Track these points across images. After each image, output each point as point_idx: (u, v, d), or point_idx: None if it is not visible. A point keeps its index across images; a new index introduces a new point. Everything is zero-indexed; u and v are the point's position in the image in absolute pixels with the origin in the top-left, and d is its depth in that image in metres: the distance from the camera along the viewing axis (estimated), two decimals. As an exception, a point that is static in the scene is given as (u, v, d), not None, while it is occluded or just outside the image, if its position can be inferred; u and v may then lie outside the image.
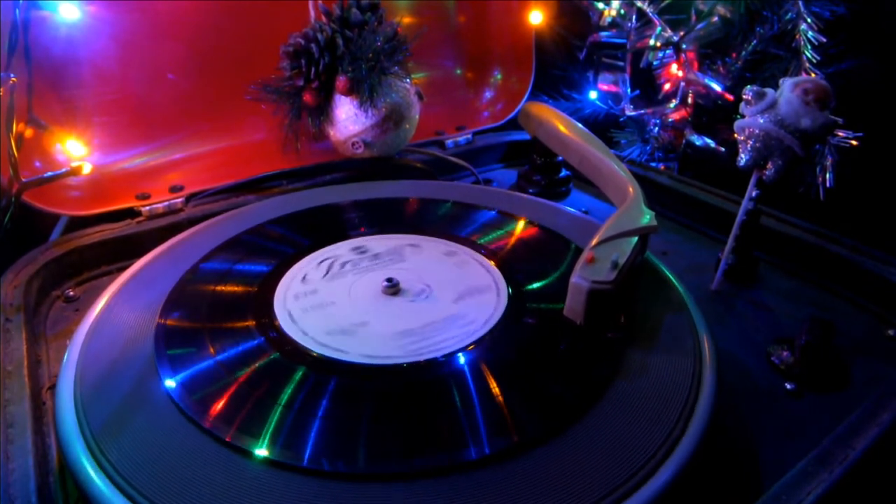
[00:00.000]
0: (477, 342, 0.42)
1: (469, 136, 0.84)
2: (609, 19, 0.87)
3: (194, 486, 0.32)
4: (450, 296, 0.47)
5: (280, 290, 0.48)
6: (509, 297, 0.47)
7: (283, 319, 0.45)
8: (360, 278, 0.50)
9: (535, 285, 0.49)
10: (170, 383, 0.39)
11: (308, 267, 0.51)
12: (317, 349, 0.41)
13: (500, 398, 0.38)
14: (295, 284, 0.49)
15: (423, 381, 0.39)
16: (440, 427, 0.36)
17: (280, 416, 0.36)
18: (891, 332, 0.49)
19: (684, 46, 0.83)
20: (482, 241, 0.55)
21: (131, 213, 0.63)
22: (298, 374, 0.39)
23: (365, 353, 0.41)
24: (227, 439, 0.34)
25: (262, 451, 0.34)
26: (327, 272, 0.50)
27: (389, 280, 0.48)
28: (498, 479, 0.32)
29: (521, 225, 0.58)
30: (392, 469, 0.33)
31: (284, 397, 0.37)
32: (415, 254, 0.53)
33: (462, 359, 0.41)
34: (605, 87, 0.95)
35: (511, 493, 0.32)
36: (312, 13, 0.71)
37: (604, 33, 0.90)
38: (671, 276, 0.50)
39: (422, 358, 0.41)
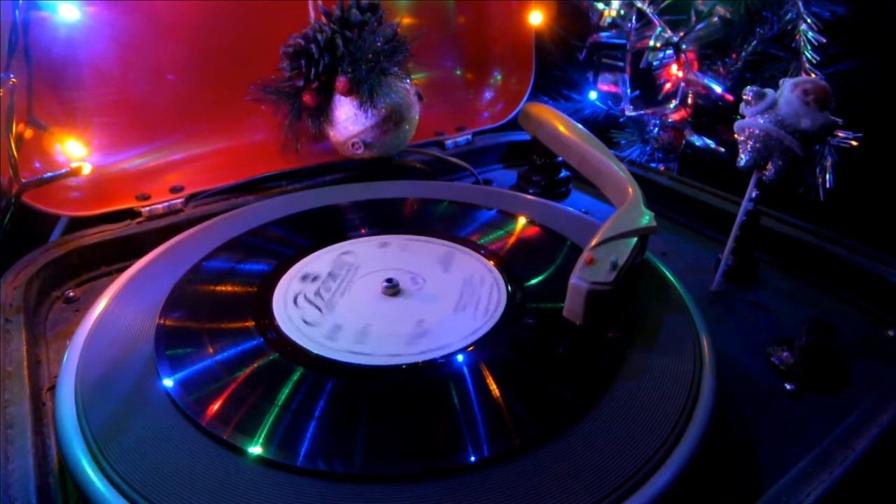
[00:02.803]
0: (476, 343, 0.42)
1: (469, 136, 0.84)
2: (609, 20, 0.87)
3: (193, 487, 0.32)
4: (449, 296, 0.47)
5: (279, 291, 0.48)
6: (508, 297, 0.47)
7: (281, 320, 0.45)
8: (360, 279, 0.50)
9: (535, 284, 0.49)
10: (169, 384, 0.39)
11: (308, 267, 0.51)
12: (315, 350, 0.42)
13: (499, 400, 0.37)
14: (294, 285, 0.49)
15: (422, 382, 0.39)
16: (438, 429, 0.35)
17: (277, 416, 0.36)
18: (891, 333, 0.49)
19: (684, 47, 0.83)
20: (482, 241, 0.55)
21: (131, 214, 0.63)
22: (296, 375, 0.39)
23: (364, 353, 0.41)
24: (224, 437, 0.34)
25: (260, 451, 0.34)
26: (327, 272, 0.51)
27: (389, 281, 0.48)
28: (496, 481, 0.32)
29: (520, 225, 0.58)
30: (389, 471, 0.33)
31: (282, 398, 0.37)
32: (414, 254, 0.53)
33: (461, 360, 0.41)
34: (604, 88, 0.95)
35: (509, 495, 0.32)
36: (312, 13, 0.71)
37: (604, 34, 0.90)
38: (671, 277, 0.50)
39: (420, 359, 0.41)
